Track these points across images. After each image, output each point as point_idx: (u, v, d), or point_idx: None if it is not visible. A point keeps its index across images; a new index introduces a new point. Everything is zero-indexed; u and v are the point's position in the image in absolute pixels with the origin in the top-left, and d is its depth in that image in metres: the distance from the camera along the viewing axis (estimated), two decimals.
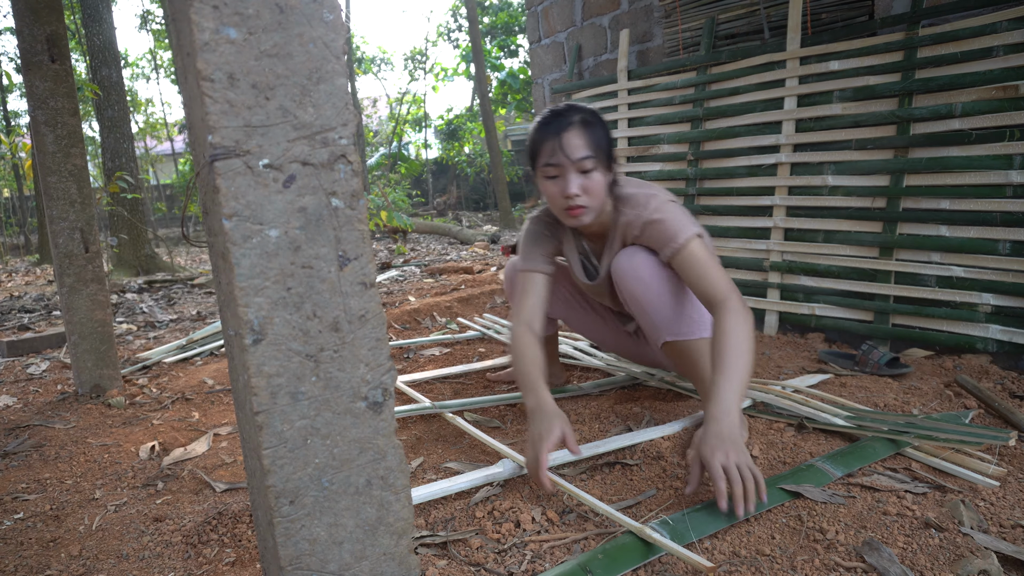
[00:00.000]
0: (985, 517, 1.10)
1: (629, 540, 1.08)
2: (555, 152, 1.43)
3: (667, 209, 1.48)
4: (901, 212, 2.13)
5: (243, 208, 0.64)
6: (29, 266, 8.74)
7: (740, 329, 1.31)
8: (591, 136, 1.45)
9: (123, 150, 6.48)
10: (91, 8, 6.35)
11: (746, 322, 1.33)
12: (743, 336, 1.31)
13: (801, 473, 1.26)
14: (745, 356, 1.29)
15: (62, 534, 1.31)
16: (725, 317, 1.34)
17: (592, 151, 1.44)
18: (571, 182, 1.44)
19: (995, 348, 1.91)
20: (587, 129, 1.45)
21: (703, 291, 1.41)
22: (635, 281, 1.51)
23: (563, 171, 1.45)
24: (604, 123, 1.50)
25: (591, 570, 1.01)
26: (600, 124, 1.48)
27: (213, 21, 0.61)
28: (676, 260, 1.45)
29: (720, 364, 1.29)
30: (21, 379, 2.52)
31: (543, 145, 1.46)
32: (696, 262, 1.42)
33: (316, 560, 0.70)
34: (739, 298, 1.38)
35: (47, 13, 2.03)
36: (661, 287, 1.50)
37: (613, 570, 1.01)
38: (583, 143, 1.43)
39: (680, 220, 1.46)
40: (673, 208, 1.49)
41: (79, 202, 2.13)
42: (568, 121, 1.45)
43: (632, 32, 3.13)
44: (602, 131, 1.48)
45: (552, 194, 1.49)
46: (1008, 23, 1.94)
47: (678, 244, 1.44)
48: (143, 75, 18.73)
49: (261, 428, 0.66)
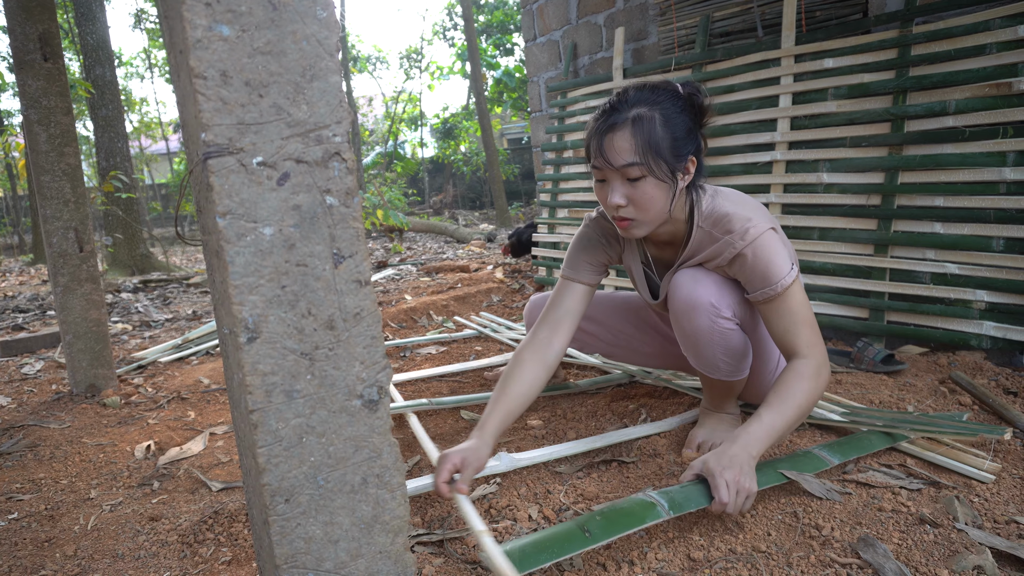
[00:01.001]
0: (980, 513, 1.11)
1: (628, 504, 1.08)
2: (598, 155, 1.23)
3: (768, 243, 1.24)
4: (895, 209, 2.13)
5: (237, 206, 0.63)
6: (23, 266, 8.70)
7: (811, 385, 1.19)
8: (643, 137, 1.19)
9: (117, 149, 6.46)
10: (84, 6, 6.33)
11: (817, 382, 1.20)
12: (810, 392, 1.19)
13: (798, 459, 1.26)
14: (800, 409, 1.18)
15: (57, 534, 1.30)
16: (802, 367, 1.21)
17: (640, 157, 1.19)
18: (614, 191, 1.23)
19: (989, 344, 1.92)
20: (639, 128, 1.19)
21: (787, 343, 1.25)
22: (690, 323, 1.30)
23: (607, 178, 1.24)
24: (672, 116, 1.21)
25: (589, 529, 1.01)
26: (662, 120, 1.20)
27: (206, 18, 0.61)
28: (766, 305, 1.25)
29: (776, 401, 1.18)
30: (15, 379, 2.51)
31: (589, 143, 1.26)
32: (788, 311, 1.23)
33: (312, 558, 0.70)
34: (822, 357, 1.23)
35: (39, 11, 2.02)
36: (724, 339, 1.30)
37: (611, 531, 1.02)
38: (630, 147, 1.19)
39: (781, 259, 1.23)
40: (773, 241, 1.25)
41: (73, 201, 2.12)
42: (619, 118, 1.21)
43: (627, 30, 3.13)
44: (663, 130, 1.20)
45: (600, 198, 1.28)
46: (1001, 20, 1.95)
47: (775, 291, 1.23)
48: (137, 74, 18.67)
49: (256, 426, 0.66)
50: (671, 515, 1.07)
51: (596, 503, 1.25)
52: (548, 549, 0.98)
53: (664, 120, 1.20)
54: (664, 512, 1.06)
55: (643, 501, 1.09)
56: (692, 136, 1.24)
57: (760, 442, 1.15)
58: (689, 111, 1.24)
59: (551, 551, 0.98)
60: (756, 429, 1.15)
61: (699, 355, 1.34)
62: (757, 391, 1.50)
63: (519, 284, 3.81)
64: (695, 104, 1.24)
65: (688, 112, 1.23)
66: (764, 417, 1.17)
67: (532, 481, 1.35)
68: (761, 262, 1.23)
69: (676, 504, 1.08)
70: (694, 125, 1.25)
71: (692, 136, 1.24)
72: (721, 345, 1.30)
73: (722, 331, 1.29)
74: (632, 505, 1.07)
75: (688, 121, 1.23)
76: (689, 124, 1.23)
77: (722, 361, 1.33)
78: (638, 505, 1.07)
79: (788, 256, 1.26)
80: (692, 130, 1.24)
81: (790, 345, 1.24)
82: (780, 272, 1.22)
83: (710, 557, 1.04)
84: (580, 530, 1.01)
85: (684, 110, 1.23)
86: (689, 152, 1.24)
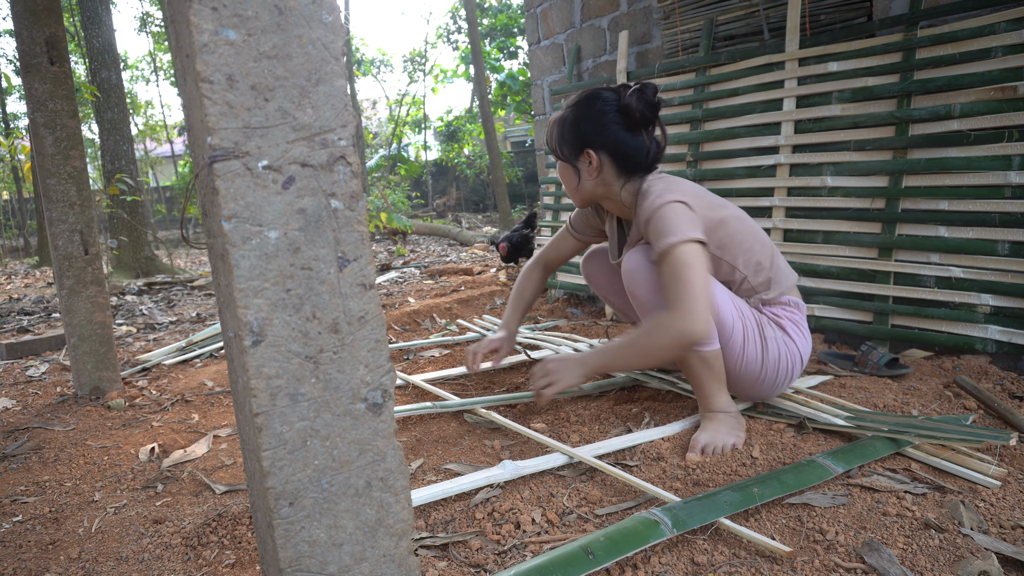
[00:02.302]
0: (985, 518, 1.10)
1: (631, 523, 1.08)
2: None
3: (668, 212, 1.41)
4: (900, 213, 2.13)
5: (242, 209, 0.64)
6: (28, 268, 8.74)
7: (662, 332, 1.36)
8: (555, 130, 1.57)
9: (122, 152, 6.48)
10: (90, 10, 6.36)
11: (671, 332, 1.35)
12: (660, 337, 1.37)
13: (802, 468, 1.26)
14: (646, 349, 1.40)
15: (61, 536, 1.31)
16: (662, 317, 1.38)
17: (554, 145, 1.58)
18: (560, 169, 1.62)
19: (994, 349, 1.91)
20: (555, 123, 1.57)
21: (666, 299, 1.39)
22: (633, 285, 1.51)
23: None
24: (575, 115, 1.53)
25: (592, 552, 1.01)
26: (570, 118, 1.54)
27: (212, 23, 0.61)
28: (658, 264, 1.42)
29: (630, 335, 1.43)
30: (20, 381, 2.52)
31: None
32: (670, 270, 1.37)
33: (316, 562, 0.70)
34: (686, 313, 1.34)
35: (46, 15, 2.03)
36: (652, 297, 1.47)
37: (615, 552, 1.01)
38: (550, 136, 1.59)
39: (675, 226, 1.39)
40: (675, 211, 1.41)
41: (78, 204, 2.13)
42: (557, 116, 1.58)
43: (631, 33, 3.14)
44: (569, 126, 1.54)
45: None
46: (1007, 24, 1.94)
47: (661, 248, 1.39)
48: (143, 77, 18.73)
49: (260, 430, 0.66)
50: (675, 533, 1.06)
51: (599, 507, 1.24)
52: (551, 574, 0.98)
53: (571, 122, 1.53)
54: (667, 530, 1.06)
55: (646, 519, 1.08)
56: (599, 135, 1.51)
57: (597, 356, 1.47)
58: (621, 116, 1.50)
59: (554, 575, 0.98)
60: (600, 347, 1.48)
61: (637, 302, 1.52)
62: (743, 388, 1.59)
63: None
64: (626, 110, 1.49)
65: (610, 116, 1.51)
66: (613, 342, 1.46)
67: (535, 484, 1.35)
68: (658, 225, 1.42)
69: (680, 522, 1.08)
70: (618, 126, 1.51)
71: (599, 135, 1.51)
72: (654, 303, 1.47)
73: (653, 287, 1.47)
74: (635, 524, 1.07)
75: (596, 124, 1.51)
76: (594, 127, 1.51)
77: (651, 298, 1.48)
78: (641, 524, 1.07)
79: (687, 227, 1.40)
80: (602, 130, 1.51)
81: (667, 300, 1.40)
82: (669, 235, 1.39)
83: (713, 561, 1.04)
84: (583, 552, 1.01)
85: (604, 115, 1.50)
86: (588, 147, 1.53)
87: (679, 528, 1.07)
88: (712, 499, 1.15)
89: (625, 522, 1.09)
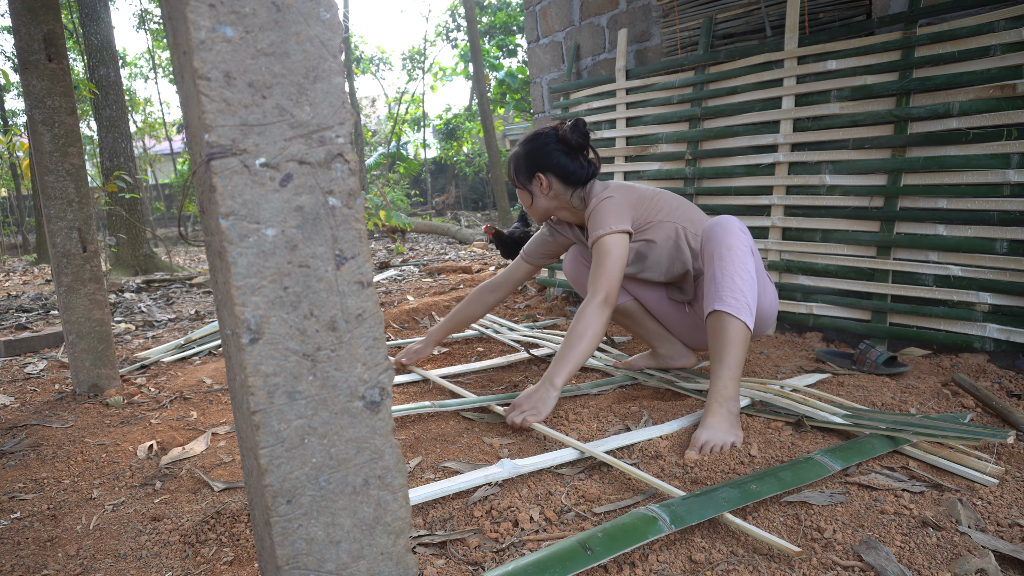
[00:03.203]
0: (983, 516, 1.10)
1: (629, 519, 1.08)
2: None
3: (602, 207, 1.80)
4: (898, 211, 2.13)
5: (240, 207, 0.63)
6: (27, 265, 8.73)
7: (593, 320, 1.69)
8: (512, 165, 1.92)
9: (121, 149, 6.47)
10: (88, 7, 6.34)
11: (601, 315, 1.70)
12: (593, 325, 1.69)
13: (800, 465, 1.26)
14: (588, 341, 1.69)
15: (59, 534, 1.31)
16: (586, 306, 1.71)
17: (512, 175, 1.92)
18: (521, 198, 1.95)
19: (992, 347, 1.91)
20: (513, 162, 1.92)
21: (591, 279, 1.75)
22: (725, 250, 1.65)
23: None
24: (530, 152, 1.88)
25: (591, 547, 1.01)
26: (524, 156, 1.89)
27: (209, 20, 0.61)
28: (592, 247, 1.79)
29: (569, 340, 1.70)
30: (18, 378, 2.51)
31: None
32: (597, 256, 1.76)
33: (313, 560, 0.70)
34: (606, 294, 1.71)
35: (44, 12, 2.02)
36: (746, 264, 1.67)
37: (613, 548, 1.01)
38: (508, 170, 1.93)
39: (605, 220, 1.77)
40: (607, 206, 1.80)
41: (77, 201, 2.12)
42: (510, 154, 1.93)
43: (630, 32, 3.13)
44: (521, 158, 1.89)
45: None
46: (1005, 22, 1.94)
47: (594, 237, 1.77)
48: (141, 74, 18.70)
49: (258, 427, 0.66)
50: (673, 529, 1.06)
51: (597, 504, 1.25)
52: (549, 569, 0.97)
53: (523, 155, 1.89)
54: (666, 526, 1.06)
55: (644, 515, 1.08)
56: (546, 160, 1.86)
57: (557, 372, 1.68)
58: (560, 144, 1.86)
59: (552, 571, 0.97)
60: (554, 366, 1.69)
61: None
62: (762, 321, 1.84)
63: (521, 285, 3.81)
64: (564, 139, 1.85)
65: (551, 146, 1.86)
66: (561, 354, 1.70)
67: (533, 482, 1.35)
68: (593, 220, 1.80)
69: (678, 518, 1.08)
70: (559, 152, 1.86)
71: (546, 160, 1.86)
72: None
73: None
74: (633, 520, 1.07)
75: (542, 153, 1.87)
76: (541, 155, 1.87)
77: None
78: (639, 520, 1.07)
79: (613, 220, 1.76)
80: (548, 156, 1.86)
81: (591, 282, 1.75)
82: (598, 228, 1.77)
83: (711, 559, 1.04)
84: (582, 547, 1.01)
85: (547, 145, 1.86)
86: (538, 171, 1.87)
87: (677, 524, 1.07)
88: (710, 496, 1.15)
89: (623, 518, 1.09)
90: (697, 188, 2.75)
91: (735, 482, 1.20)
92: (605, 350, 2.39)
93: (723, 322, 1.57)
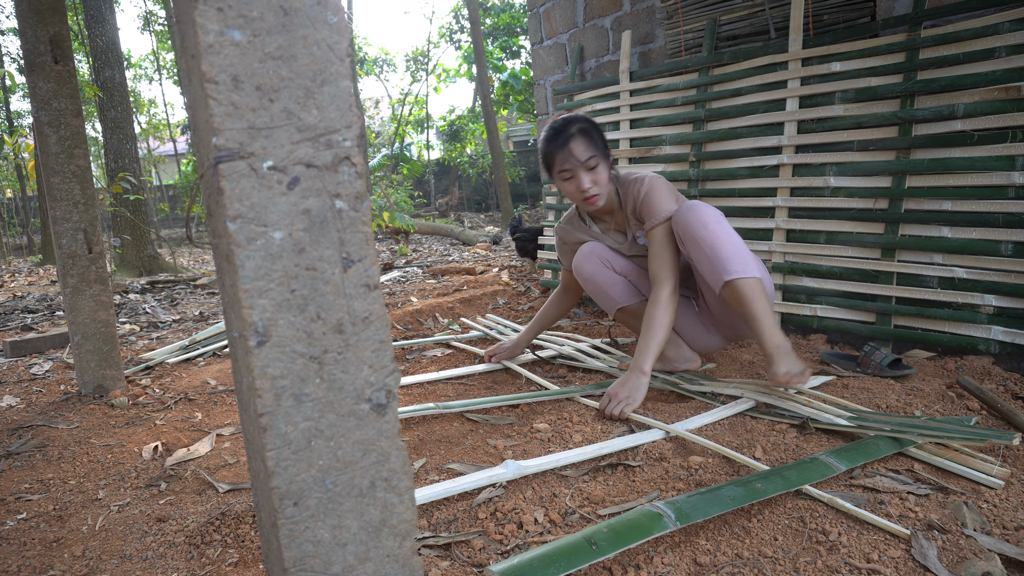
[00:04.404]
0: (988, 519, 1.10)
1: (635, 516, 1.08)
2: (567, 159, 1.84)
3: (656, 191, 1.85)
4: (903, 213, 2.12)
5: (247, 210, 0.64)
6: (32, 266, 8.76)
7: (667, 309, 1.79)
8: (590, 140, 1.84)
9: (126, 151, 6.49)
10: (94, 9, 6.37)
11: (672, 304, 1.80)
12: (669, 313, 1.79)
13: (805, 465, 1.26)
14: (666, 328, 1.80)
15: (65, 534, 1.31)
16: (659, 295, 1.80)
17: (594, 151, 1.84)
18: (583, 180, 1.85)
19: (997, 349, 1.91)
20: (586, 135, 1.84)
21: (654, 266, 1.84)
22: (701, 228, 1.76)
23: (575, 172, 1.85)
24: (597, 126, 1.88)
25: (596, 542, 1.01)
26: (594, 127, 1.87)
27: (217, 23, 0.61)
28: (649, 233, 1.86)
29: (649, 328, 1.79)
30: (24, 379, 2.52)
31: (555, 156, 1.86)
32: (661, 240, 1.83)
33: (320, 562, 0.70)
34: (674, 283, 1.82)
35: (50, 14, 2.03)
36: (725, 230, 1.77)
37: (618, 543, 1.01)
38: (585, 147, 1.83)
39: (666, 203, 1.84)
40: (662, 188, 1.85)
41: (82, 203, 2.13)
42: (569, 133, 1.83)
43: (634, 33, 3.14)
44: (597, 133, 1.87)
45: (570, 191, 1.91)
46: (1010, 24, 1.94)
47: (654, 222, 1.84)
48: (146, 76, 18.75)
49: (265, 430, 0.66)
50: (678, 525, 1.06)
51: (602, 507, 1.25)
52: (555, 563, 0.98)
53: (595, 128, 1.87)
54: (671, 523, 1.06)
55: (650, 512, 1.08)
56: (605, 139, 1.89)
57: (646, 361, 1.76)
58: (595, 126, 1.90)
59: (557, 564, 0.97)
60: (640, 354, 1.78)
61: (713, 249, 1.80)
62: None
63: (524, 287, 3.81)
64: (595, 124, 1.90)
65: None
66: (643, 342, 1.79)
67: (538, 484, 1.35)
68: (648, 201, 1.86)
69: (683, 515, 1.08)
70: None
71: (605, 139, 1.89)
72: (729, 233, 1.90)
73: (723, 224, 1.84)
74: (639, 516, 1.07)
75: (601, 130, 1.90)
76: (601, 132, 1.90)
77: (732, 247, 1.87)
78: (645, 516, 1.07)
79: (669, 204, 1.84)
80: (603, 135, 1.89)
81: (654, 269, 1.84)
82: (660, 212, 1.83)
83: (716, 562, 1.04)
84: (587, 543, 1.01)
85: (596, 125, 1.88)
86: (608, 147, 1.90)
87: (682, 521, 1.07)
88: (715, 493, 1.15)
89: (629, 514, 1.09)
90: (701, 190, 2.74)
91: (740, 480, 1.20)
92: (609, 352, 2.39)
93: (736, 288, 1.72)
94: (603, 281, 2.04)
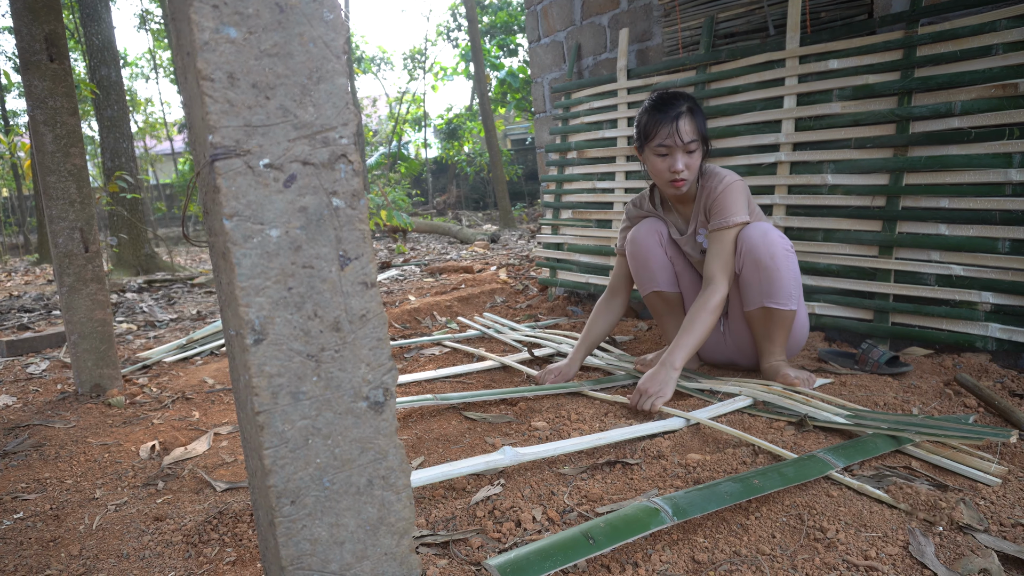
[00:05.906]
0: (986, 516, 1.10)
1: (632, 511, 1.08)
2: (670, 135, 1.75)
3: (733, 192, 1.81)
4: (900, 211, 2.13)
5: (244, 208, 0.63)
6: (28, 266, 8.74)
7: (712, 313, 1.75)
8: (697, 123, 1.78)
9: (122, 150, 6.47)
10: (90, 7, 6.35)
11: (718, 311, 1.76)
12: (712, 318, 1.76)
13: (802, 462, 1.26)
14: (706, 330, 1.76)
15: (62, 534, 1.31)
16: (708, 298, 1.76)
17: (696, 135, 1.78)
18: (678, 160, 1.78)
19: (995, 346, 1.91)
20: (694, 117, 1.78)
21: (711, 266, 1.80)
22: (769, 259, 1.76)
23: (672, 151, 1.78)
24: (702, 107, 1.85)
25: (593, 536, 1.01)
26: (700, 109, 1.82)
27: (213, 20, 0.61)
28: (713, 233, 1.82)
29: (689, 326, 1.75)
30: (21, 378, 2.52)
31: (659, 128, 1.77)
32: (723, 242, 1.80)
33: (317, 560, 0.70)
34: (725, 290, 1.78)
35: (45, 12, 2.02)
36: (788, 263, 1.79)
37: (615, 538, 1.01)
38: (692, 129, 1.77)
39: (739, 205, 1.80)
40: (739, 191, 1.82)
41: (78, 202, 2.12)
42: (680, 110, 1.76)
43: (631, 31, 3.13)
44: (702, 116, 1.81)
45: (660, 169, 1.82)
46: (1007, 21, 1.94)
47: (723, 224, 1.80)
48: (142, 74, 18.72)
49: (262, 428, 0.66)
50: (675, 521, 1.06)
51: (600, 504, 1.25)
52: (552, 557, 0.98)
53: (700, 112, 1.80)
54: (668, 518, 1.06)
55: (647, 507, 1.08)
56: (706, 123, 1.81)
57: (678, 356, 1.73)
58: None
59: (555, 559, 0.97)
60: (674, 349, 1.74)
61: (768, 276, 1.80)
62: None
63: (523, 285, 3.81)
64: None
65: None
66: (680, 339, 1.75)
67: (536, 482, 1.35)
68: (722, 201, 1.81)
69: (680, 510, 1.08)
70: None
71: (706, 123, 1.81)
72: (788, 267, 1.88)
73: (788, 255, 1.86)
74: (636, 511, 1.07)
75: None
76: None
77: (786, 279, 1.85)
78: (642, 511, 1.07)
79: (744, 211, 1.81)
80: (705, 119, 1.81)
81: (711, 269, 1.80)
82: (731, 213, 1.80)
83: (714, 559, 1.04)
84: (584, 537, 1.01)
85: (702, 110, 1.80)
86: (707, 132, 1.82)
87: (679, 516, 1.07)
88: (713, 489, 1.15)
89: (626, 509, 1.09)
90: None
91: (737, 477, 1.20)
92: (607, 349, 2.39)
93: (767, 312, 1.79)
94: (653, 257, 1.99)
